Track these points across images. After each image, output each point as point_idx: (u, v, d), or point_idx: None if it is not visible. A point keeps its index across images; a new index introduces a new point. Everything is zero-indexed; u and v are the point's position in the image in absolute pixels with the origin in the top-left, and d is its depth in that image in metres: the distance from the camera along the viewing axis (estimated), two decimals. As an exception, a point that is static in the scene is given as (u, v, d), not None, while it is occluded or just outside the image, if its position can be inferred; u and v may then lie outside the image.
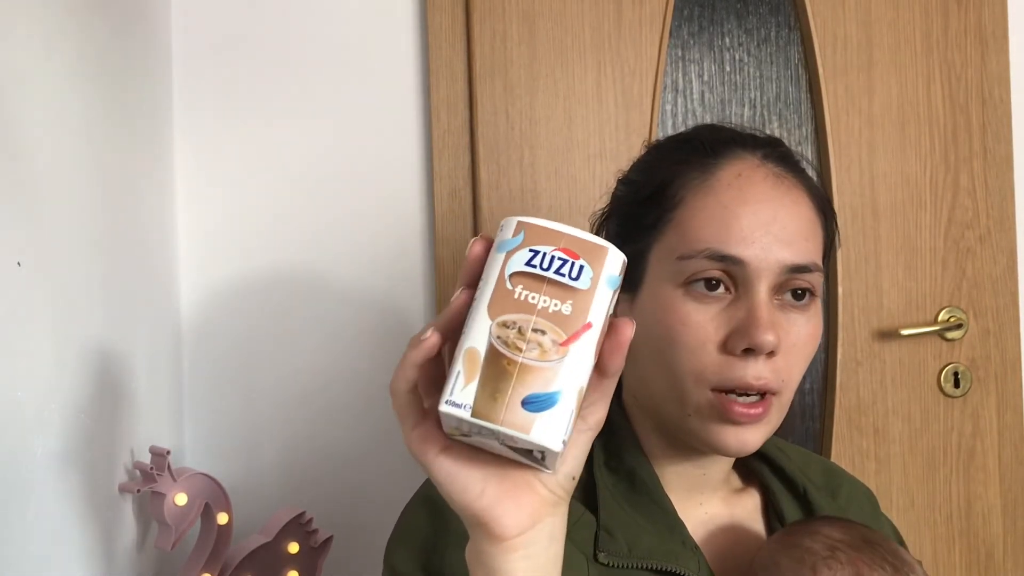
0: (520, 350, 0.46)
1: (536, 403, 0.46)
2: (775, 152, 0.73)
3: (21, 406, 0.77)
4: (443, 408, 0.46)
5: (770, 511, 0.79)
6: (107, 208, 1.01)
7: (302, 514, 1.14)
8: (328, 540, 1.17)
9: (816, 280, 0.70)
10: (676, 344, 0.68)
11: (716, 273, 0.68)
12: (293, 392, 1.34)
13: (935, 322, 1.46)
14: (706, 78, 1.43)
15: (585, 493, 0.73)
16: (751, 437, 0.68)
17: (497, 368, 0.46)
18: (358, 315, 1.35)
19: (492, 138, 1.35)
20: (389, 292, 1.35)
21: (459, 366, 0.47)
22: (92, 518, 0.93)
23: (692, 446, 0.73)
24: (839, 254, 1.43)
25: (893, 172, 1.45)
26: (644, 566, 0.69)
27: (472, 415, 0.46)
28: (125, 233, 1.08)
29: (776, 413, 0.69)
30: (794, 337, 0.68)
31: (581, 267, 0.48)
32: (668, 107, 1.42)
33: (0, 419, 0.74)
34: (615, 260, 0.48)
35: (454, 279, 1.32)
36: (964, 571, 1.47)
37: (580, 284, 0.47)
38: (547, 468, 0.49)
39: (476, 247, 0.49)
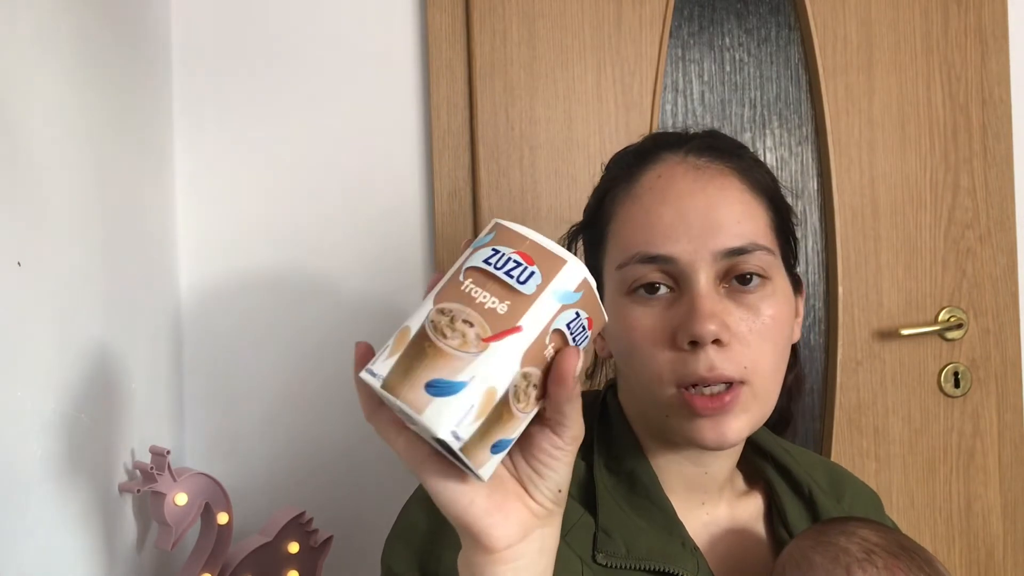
0: (444, 336, 0.46)
1: (437, 387, 0.45)
2: (700, 144, 0.73)
3: (21, 406, 0.77)
4: (362, 374, 0.48)
5: (773, 513, 0.79)
6: (107, 208, 1.01)
7: (302, 514, 1.14)
8: (328, 540, 1.17)
9: (765, 260, 0.69)
10: (633, 350, 0.69)
11: (654, 276, 0.68)
12: (293, 392, 1.34)
13: (935, 322, 1.46)
14: (706, 78, 1.43)
15: (585, 494, 0.73)
16: (728, 428, 0.67)
17: (418, 348, 0.47)
18: (358, 314, 1.35)
19: (492, 138, 1.35)
20: (389, 291, 1.35)
21: (391, 340, 0.48)
22: (92, 518, 0.93)
23: (687, 447, 0.73)
24: (839, 254, 1.43)
25: (893, 172, 1.45)
26: (642, 567, 0.69)
27: (381, 385, 0.46)
28: (125, 233, 1.08)
29: (753, 402, 0.68)
30: (748, 323, 0.67)
31: (532, 272, 0.47)
32: (668, 107, 1.42)
33: (0, 419, 0.74)
34: (571, 275, 0.48)
35: (454, 279, 1.32)
36: (964, 571, 1.47)
37: (524, 288, 0.47)
38: (475, 474, 0.48)
39: (464, 244, 0.51)
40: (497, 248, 0.48)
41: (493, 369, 0.46)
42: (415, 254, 1.36)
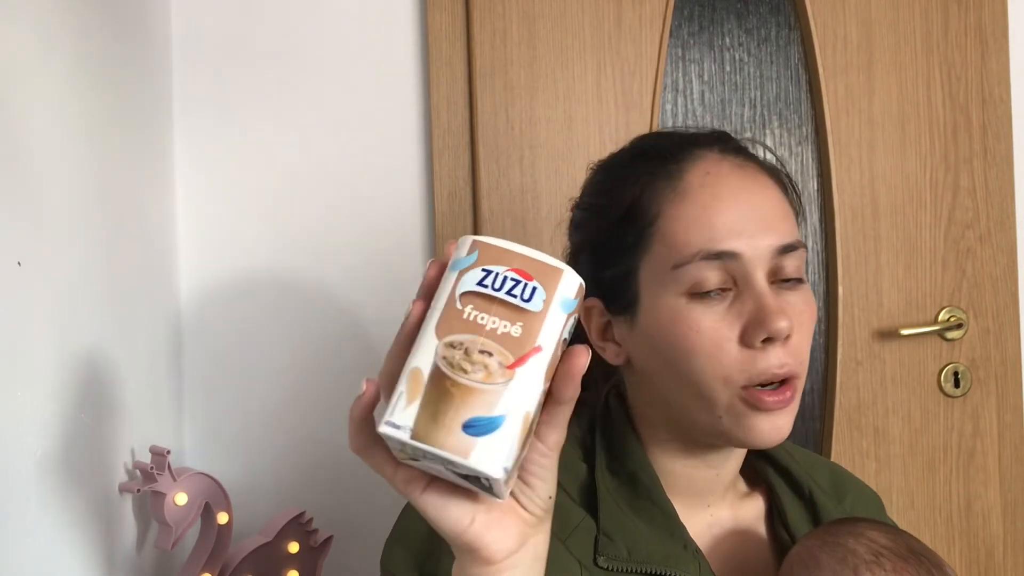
0: (465, 371, 0.44)
1: (478, 427, 0.44)
2: (730, 145, 0.74)
3: (21, 406, 0.77)
4: (382, 429, 0.45)
5: (774, 514, 0.79)
6: (107, 208, 1.01)
7: (302, 514, 1.14)
8: (328, 540, 1.17)
9: (802, 257, 0.71)
10: (693, 352, 0.68)
11: (714, 274, 0.67)
12: (293, 392, 1.34)
13: (935, 322, 1.46)
14: (706, 78, 1.43)
15: (586, 496, 0.72)
16: (784, 422, 0.68)
17: (440, 389, 0.44)
18: (358, 314, 1.35)
19: (492, 138, 1.35)
20: (389, 291, 1.35)
21: (402, 386, 0.45)
22: (92, 518, 0.93)
23: (715, 446, 0.73)
24: (839, 254, 1.43)
25: (893, 172, 1.45)
26: (644, 571, 0.69)
27: (412, 437, 0.44)
28: (125, 233, 1.08)
29: (798, 396, 0.70)
30: (798, 316, 0.69)
31: (534, 288, 0.46)
32: (668, 107, 1.42)
33: (0, 419, 0.74)
34: (570, 283, 0.47)
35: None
36: (964, 571, 1.47)
37: (532, 306, 0.46)
38: (497, 496, 0.48)
39: (432, 269, 0.49)
40: (488, 268, 0.47)
41: (524, 394, 0.45)
42: (415, 253, 1.36)
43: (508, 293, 0.46)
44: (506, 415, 0.44)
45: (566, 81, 1.37)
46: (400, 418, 0.45)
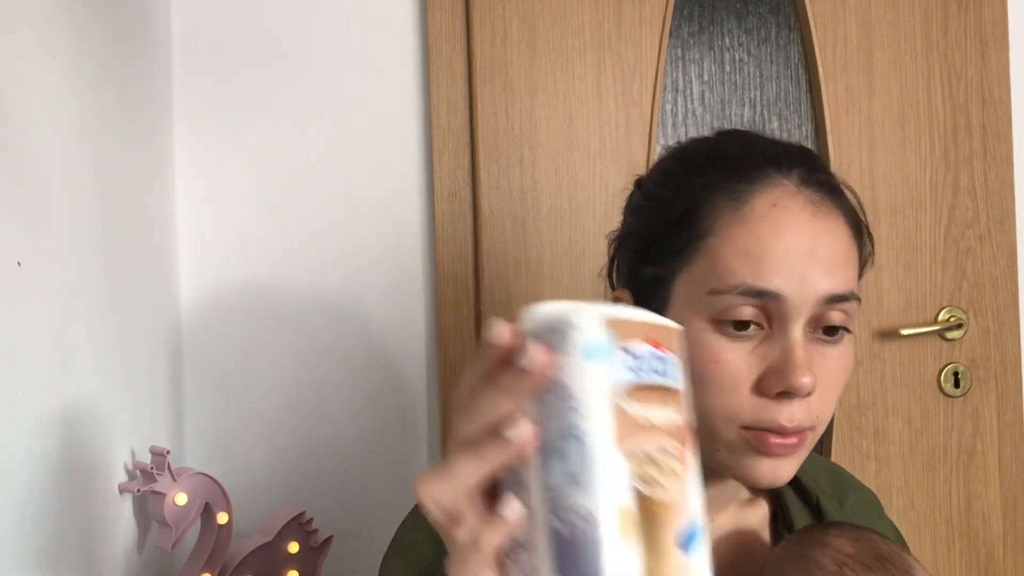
0: (662, 485, 0.37)
1: (691, 540, 0.37)
2: (812, 177, 0.68)
3: (21, 406, 0.77)
4: None
5: (779, 520, 0.78)
6: (108, 208, 1.01)
7: (302, 514, 1.14)
8: (328, 540, 1.17)
9: (853, 309, 0.66)
10: (707, 383, 0.64)
11: (750, 310, 0.63)
12: (293, 392, 1.34)
13: (935, 322, 1.46)
14: (706, 78, 1.43)
15: None
16: (785, 469, 0.65)
17: (646, 516, 0.36)
18: (358, 315, 1.35)
19: (492, 138, 1.35)
20: (389, 292, 1.35)
21: (609, 529, 0.34)
22: (92, 518, 0.93)
23: (715, 472, 0.70)
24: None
25: (893, 172, 1.45)
26: None
27: None
28: (125, 233, 1.08)
29: (809, 445, 0.67)
30: (827, 374, 0.65)
31: (672, 361, 0.40)
32: (668, 107, 1.42)
33: (0, 418, 0.74)
34: (682, 341, 0.42)
35: (454, 278, 1.33)
36: (964, 571, 1.47)
37: (676, 382, 0.40)
38: None
39: (539, 356, 0.37)
40: (627, 348, 0.37)
41: (697, 479, 0.40)
42: (415, 254, 1.36)
43: (658, 374, 0.39)
44: (698, 511, 0.38)
45: (566, 81, 1.37)
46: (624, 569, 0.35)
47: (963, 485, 1.47)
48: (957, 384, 1.46)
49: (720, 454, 0.66)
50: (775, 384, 0.63)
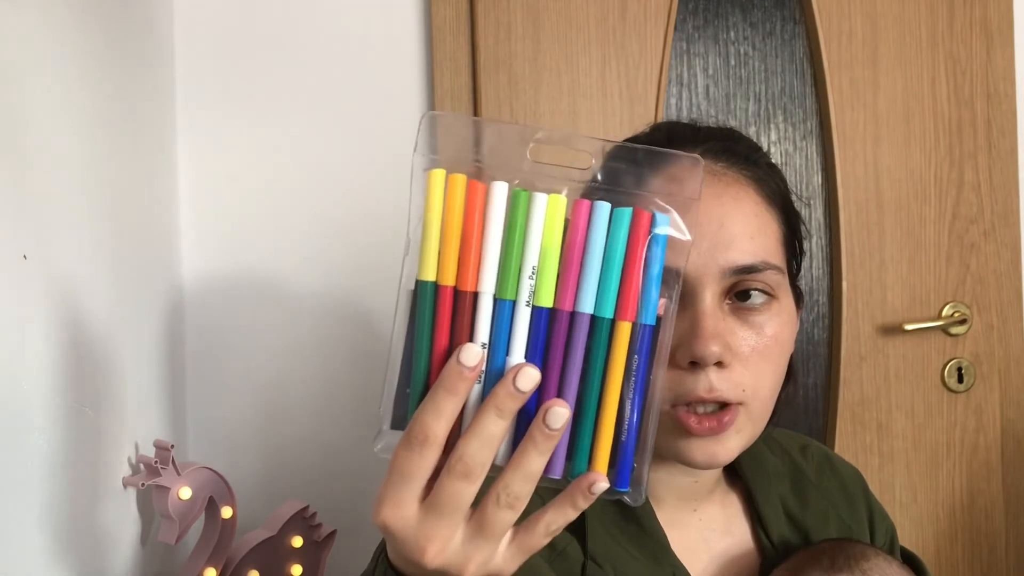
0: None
1: None
2: (717, 146, 0.69)
3: (25, 399, 0.77)
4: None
5: (752, 508, 0.77)
6: (110, 202, 1.01)
7: (306, 508, 1.14)
8: (332, 534, 1.17)
9: (773, 279, 0.65)
10: None
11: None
12: (297, 386, 1.33)
13: (939, 317, 1.46)
14: (711, 72, 1.43)
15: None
16: (720, 449, 0.64)
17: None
18: (361, 309, 1.34)
19: (496, 132, 1.34)
20: (392, 283, 1.34)
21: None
22: (96, 512, 0.93)
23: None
24: (843, 249, 1.43)
25: (897, 167, 1.45)
26: None
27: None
28: (128, 227, 1.08)
29: (748, 423, 0.65)
30: (751, 343, 0.64)
31: None
32: (673, 101, 1.41)
33: (4, 412, 0.74)
34: None
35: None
36: (966, 566, 1.47)
37: None
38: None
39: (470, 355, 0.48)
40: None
41: None
42: (418, 248, 1.35)
43: None
44: None
45: (570, 75, 1.37)
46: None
47: (966, 480, 1.47)
48: (961, 379, 1.46)
49: (659, 437, 0.65)
50: (683, 355, 0.62)
